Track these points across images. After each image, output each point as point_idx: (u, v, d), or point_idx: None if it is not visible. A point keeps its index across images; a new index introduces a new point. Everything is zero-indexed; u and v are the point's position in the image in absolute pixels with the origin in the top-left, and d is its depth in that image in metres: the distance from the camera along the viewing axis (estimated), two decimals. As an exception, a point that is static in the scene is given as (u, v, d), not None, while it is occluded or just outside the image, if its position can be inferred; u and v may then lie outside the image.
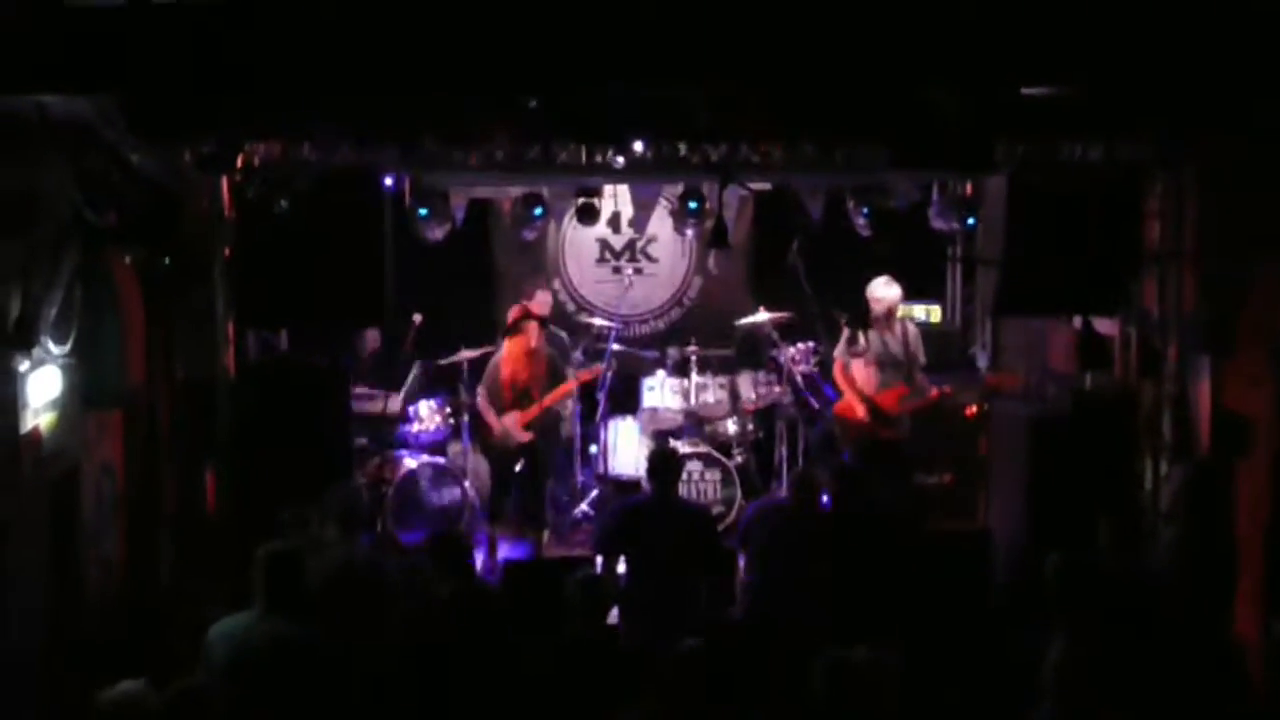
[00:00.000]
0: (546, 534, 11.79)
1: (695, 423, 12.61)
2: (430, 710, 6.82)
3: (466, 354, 12.17)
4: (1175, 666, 6.63)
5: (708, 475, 12.27)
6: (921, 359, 11.68)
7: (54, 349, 7.37)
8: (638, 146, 9.54)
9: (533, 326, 11.54)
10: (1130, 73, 7.16)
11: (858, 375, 11.52)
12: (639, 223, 13.90)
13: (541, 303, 12.34)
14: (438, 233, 11.03)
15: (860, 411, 11.42)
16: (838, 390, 11.73)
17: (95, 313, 7.94)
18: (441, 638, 6.94)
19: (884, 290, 11.60)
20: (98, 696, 5.64)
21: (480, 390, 11.67)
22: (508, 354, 11.62)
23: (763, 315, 12.49)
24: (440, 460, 12.01)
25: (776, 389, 12.50)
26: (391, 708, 6.89)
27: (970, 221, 11.45)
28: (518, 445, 11.57)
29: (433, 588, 7.31)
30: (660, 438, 12.54)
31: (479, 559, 10.64)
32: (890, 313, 11.61)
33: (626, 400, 13.05)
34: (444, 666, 6.82)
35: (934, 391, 11.51)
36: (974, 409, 12.04)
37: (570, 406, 12.60)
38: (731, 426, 12.62)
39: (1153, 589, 7.53)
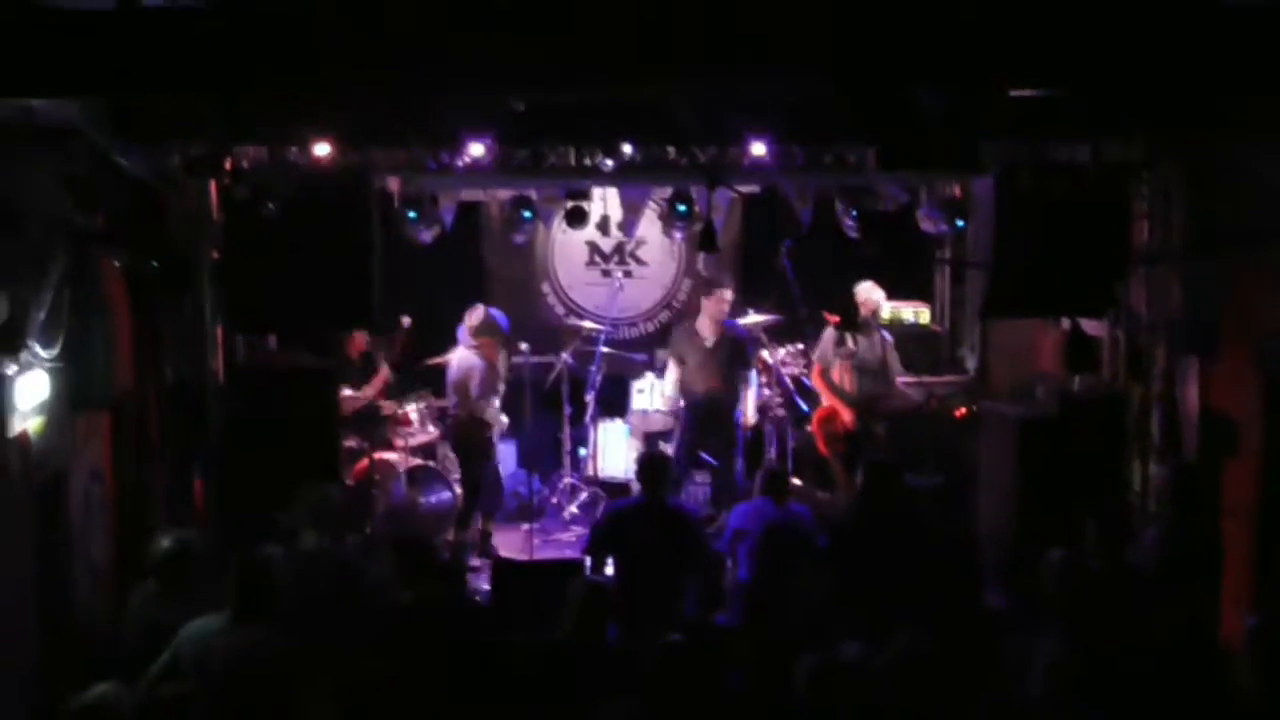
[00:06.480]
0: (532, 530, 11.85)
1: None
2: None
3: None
4: (1161, 664, 6.64)
5: (697, 478, 12.28)
6: (897, 368, 11.78)
7: (41, 353, 7.34)
8: (626, 149, 9.55)
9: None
10: (1117, 74, 7.17)
11: (837, 379, 11.59)
12: (628, 226, 13.89)
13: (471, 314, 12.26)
14: (426, 235, 11.03)
15: (847, 416, 11.47)
16: (811, 396, 11.80)
17: (83, 316, 7.91)
18: (408, 641, 6.90)
19: (869, 293, 11.71)
20: (71, 699, 5.63)
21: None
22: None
23: (752, 318, 12.50)
24: (429, 463, 12.01)
25: (766, 391, 12.49)
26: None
27: (959, 223, 11.46)
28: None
29: (395, 591, 7.28)
30: (650, 440, 12.55)
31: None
32: (873, 315, 11.70)
33: (616, 403, 13.07)
34: (417, 674, 6.78)
35: (917, 399, 11.64)
36: (963, 410, 12.07)
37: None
38: (720, 429, 12.62)
39: (1141, 589, 7.54)
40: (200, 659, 6.44)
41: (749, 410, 12.37)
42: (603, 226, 13.83)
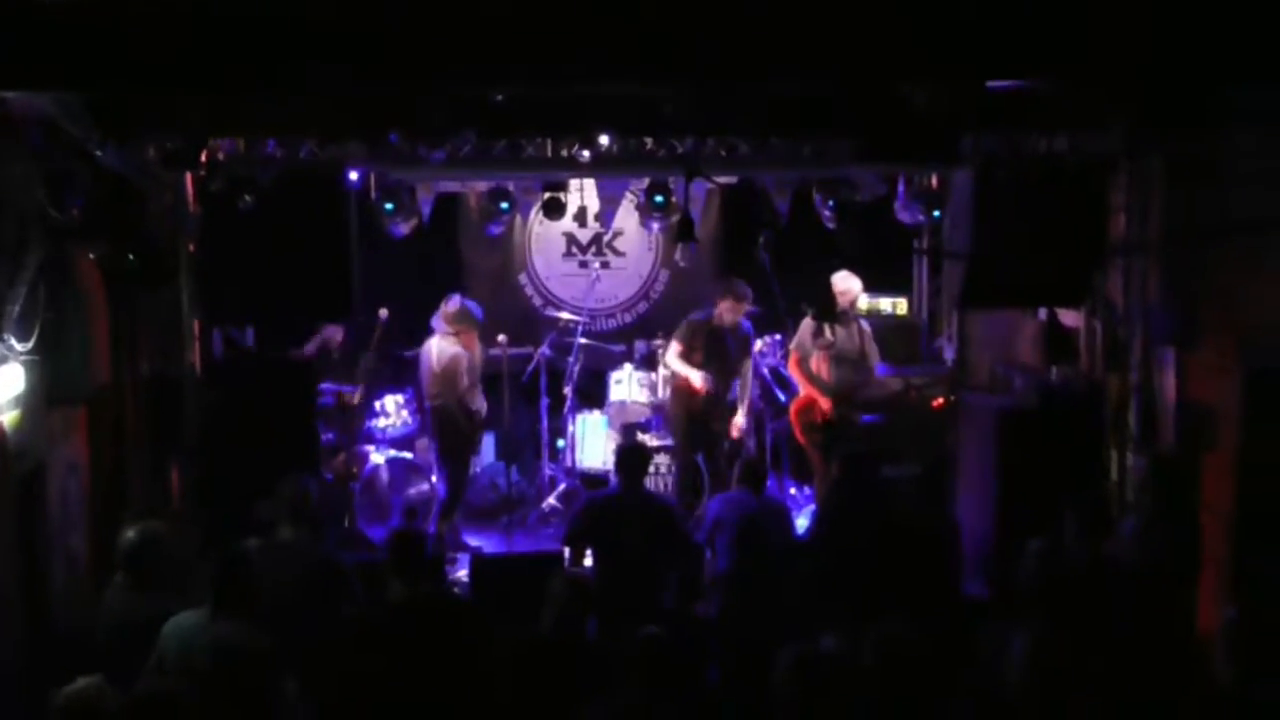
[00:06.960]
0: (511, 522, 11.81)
1: (663, 416, 12.62)
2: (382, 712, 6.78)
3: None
4: (1139, 656, 6.66)
5: (664, 468, 12.29)
6: (875, 358, 11.79)
7: (17, 345, 7.31)
8: (604, 141, 9.53)
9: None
10: (1096, 66, 7.17)
11: (815, 369, 11.61)
12: (605, 217, 13.90)
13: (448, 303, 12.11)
14: (404, 228, 10.98)
15: (824, 405, 11.49)
16: (785, 384, 11.82)
17: (59, 309, 7.88)
18: (394, 641, 6.88)
19: (845, 283, 11.72)
20: (55, 693, 5.62)
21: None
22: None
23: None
24: (407, 455, 11.98)
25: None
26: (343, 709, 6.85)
27: (936, 214, 11.47)
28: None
29: (387, 589, 7.25)
30: (628, 431, 12.54)
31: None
32: (851, 305, 11.72)
33: (594, 394, 13.06)
34: (398, 669, 6.77)
35: (894, 388, 11.67)
36: (941, 401, 12.10)
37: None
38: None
39: (1119, 579, 7.56)
40: (183, 654, 6.42)
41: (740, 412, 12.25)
42: (580, 218, 13.82)
